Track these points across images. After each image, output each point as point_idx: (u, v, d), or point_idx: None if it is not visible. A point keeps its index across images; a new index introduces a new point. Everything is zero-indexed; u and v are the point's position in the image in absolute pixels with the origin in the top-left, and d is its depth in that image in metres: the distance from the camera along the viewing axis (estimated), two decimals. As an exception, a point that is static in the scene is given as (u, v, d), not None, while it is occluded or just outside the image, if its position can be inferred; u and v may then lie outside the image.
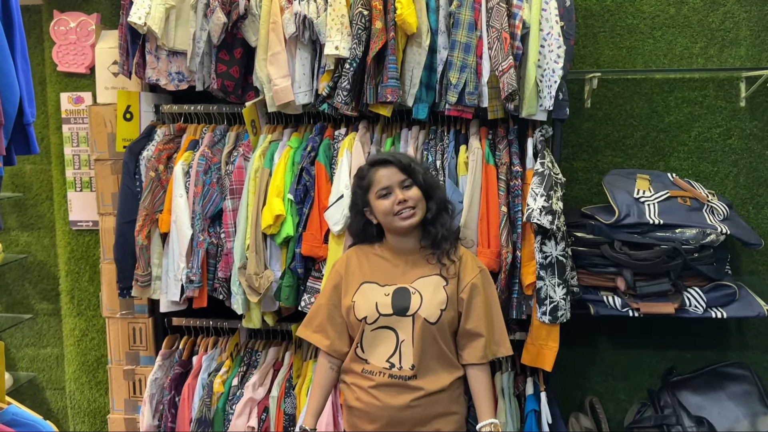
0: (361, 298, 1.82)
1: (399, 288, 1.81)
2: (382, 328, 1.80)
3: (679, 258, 2.19)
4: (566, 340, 2.18)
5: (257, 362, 2.43)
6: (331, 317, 1.88)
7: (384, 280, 1.83)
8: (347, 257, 1.93)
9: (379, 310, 1.79)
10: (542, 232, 2.07)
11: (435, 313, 1.78)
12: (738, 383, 2.40)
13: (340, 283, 1.89)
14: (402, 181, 1.80)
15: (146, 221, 2.26)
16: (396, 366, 1.78)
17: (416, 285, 1.81)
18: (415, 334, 1.76)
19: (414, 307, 1.78)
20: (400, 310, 1.78)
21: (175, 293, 2.26)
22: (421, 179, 1.82)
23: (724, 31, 2.51)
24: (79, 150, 2.77)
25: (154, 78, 2.36)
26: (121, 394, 2.62)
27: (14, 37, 1.35)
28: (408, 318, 1.77)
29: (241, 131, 2.40)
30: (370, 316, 1.79)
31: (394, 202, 1.78)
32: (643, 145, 2.59)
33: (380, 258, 1.88)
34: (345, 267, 1.90)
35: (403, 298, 1.79)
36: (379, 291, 1.82)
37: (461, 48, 2.08)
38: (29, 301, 3.06)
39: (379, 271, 1.85)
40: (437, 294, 1.80)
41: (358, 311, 1.81)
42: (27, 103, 1.38)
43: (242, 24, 2.23)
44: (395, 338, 1.79)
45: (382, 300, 1.80)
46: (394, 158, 1.83)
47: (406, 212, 1.78)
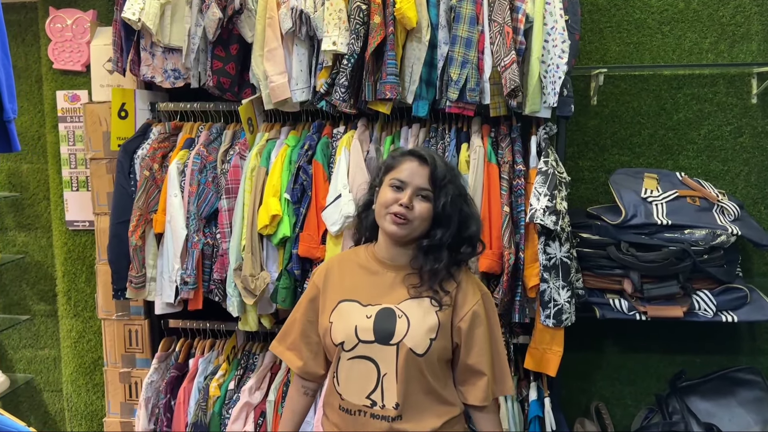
0: (338, 319, 1.56)
1: (383, 309, 1.53)
2: (360, 358, 1.53)
3: (688, 260, 2.13)
4: (571, 344, 2.11)
5: (254, 365, 2.38)
6: (305, 335, 1.65)
7: (366, 299, 1.56)
8: (327, 267, 1.67)
9: (358, 336, 1.52)
10: (546, 232, 2.00)
11: (423, 343, 1.50)
12: (749, 389, 2.33)
13: (317, 297, 1.63)
14: (421, 188, 1.53)
15: (140, 221, 2.22)
16: (378, 404, 1.51)
17: (404, 307, 1.53)
18: (399, 366, 1.49)
19: (399, 334, 1.50)
20: (383, 336, 1.50)
21: (169, 295, 2.21)
22: (442, 203, 1.53)
23: (735, 26, 2.44)
24: (76, 149, 2.73)
25: (150, 75, 2.31)
26: (118, 397, 2.58)
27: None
28: (391, 347, 1.50)
29: (238, 129, 2.35)
30: (348, 342, 1.53)
31: (397, 201, 1.52)
32: (650, 143, 2.53)
33: (365, 270, 1.60)
34: (324, 279, 1.64)
35: (387, 322, 1.51)
36: (359, 312, 1.54)
37: (462, 43, 2.02)
38: (27, 302, 3.03)
39: (362, 287, 1.58)
40: (427, 319, 1.52)
41: (335, 334, 1.55)
42: (7, 98, 1.33)
43: (238, 19, 2.18)
44: (376, 371, 1.51)
45: (362, 323, 1.53)
46: (433, 160, 1.54)
47: (398, 219, 1.51)
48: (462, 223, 1.56)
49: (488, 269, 2.03)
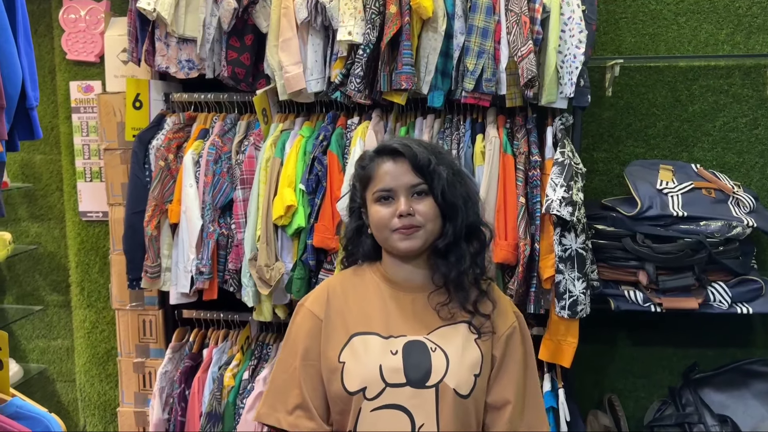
0: (353, 359, 1.24)
1: (411, 342, 1.24)
2: (389, 408, 1.20)
3: (704, 251, 2.12)
4: (585, 336, 2.11)
5: (268, 356, 2.39)
6: (311, 386, 1.28)
7: (387, 330, 1.25)
8: (327, 292, 1.34)
9: (384, 378, 1.20)
10: (562, 224, 2.00)
11: (467, 381, 1.22)
12: (763, 381, 2.33)
13: (320, 332, 1.30)
14: (413, 186, 1.29)
15: (156, 212, 2.23)
16: None
17: (435, 338, 1.25)
18: (441, 414, 1.19)
19: (438, 373, 1.20)
20: (418, 378, 1.20)
21: (185, 285, 2.22)
22: (441, 189, 1.28)
23: (752, 17, 2.43)
24: (89, 140, 2.74)
25: (164, 66, 2.31)
26: (131, 387, 2.59)
27: (17, 18, 1.30)
28: (429, 390, 1.20)
29: (252, 120, 2.35)
30: (372, 388, 1.20)
31: (395, 213, 1.27)
32: (666, 135, 2.52)
33: (375, 293, 1.31)
34: (325, 307, 1.32)
35: (420, 359, 1.22)
36: (381, 347, 1.24)
37: (479, 33, 2.02)
38: (39, 292, 3.04)
39: (378, 316, 1.28)
40: (468, 351, 1.24)
41: (349, 380, 1.22)
42: (30, 86, 1.34)
43: (253, 9, 2.18)
44: (410, 423, 1.20)
45: (388, 361, 1.22)
46: (409, 150, 1.29)
47: (408, 231, 1.26)
48: (467, 204, 1.33)
49: (503, 260, 2.03)
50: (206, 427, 2.27)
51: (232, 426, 2.27)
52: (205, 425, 2.28)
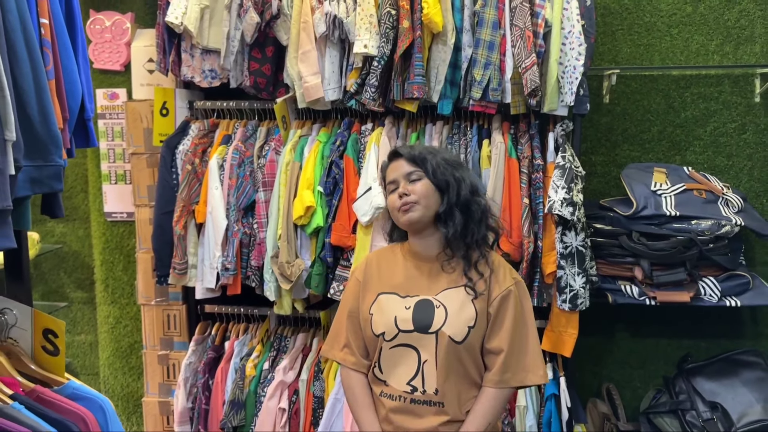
0: (378, 311, 1.62)
1: (421, 300, 1.60)
2: (401, 346, 1.59)
3: (695, 248, 2.26)
4: (585, 329, 2.26)
5: (286, 347, 2.53)
6: (354, 332, 1.69)
7: (405, 291, 1.62)
8: (366, 262, 1.74)
9: (398, 326, 1.58)
10: (563, 223, 2.15)
11: (462, 331, 1.56)
12: (751, 370, 2.46)
13: (359, 292, 1.70)
14: (408, 173, 1.61)
15: (183, 212, 2.37)
16: (418, 390, 1.57)
17: (441, 297, 1.59)
18: (439, 354, 1.55)
19: (437, 324, 1.56)
20: (423, 326, 1.57)
21: (210, 281, 2.37)
22: (432, 171, 1.60)
23: (740, 29, 2.58)
24: (114, 144, 2.88)
25: (189, 75, 2.46)
26: (156, 378, 2.73)
27: (77, 38, 1.45)
28: (431, 335, 1.56)
29: (272, 126, 2.50)
30: (389, 332, 1.59)
31: (397, 195, 1.62)
32: (660, 139, 2.66)
33: (402, 265, 1.67)
34: (363, 274, 1.71)
35: (426, 312, 1.58)
36: (399, 303, 1.61)
37: (485, 46, 2.17)
38: (64, 289, 3.18)
39: (400, 280, 1.64)
40: (465, 308, 1.58)
41: (375, 326, 1.61)
42: (87, 99, 1.49)
43: (274, 23, 2.32)
44: (417, 358, 1.57)
45: (402, 314, 1.59)
46: (404, 150, 1.65)
47: (405, 206, 1.58)
48: (458, 183, 1.61)
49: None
50: (229, 414, 2.42)
51: (253, 413, 2.41)
52: (228, 412, 2.42)
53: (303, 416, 2.41)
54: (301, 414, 2.41)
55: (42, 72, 1.29)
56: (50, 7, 1.37)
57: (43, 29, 1.33)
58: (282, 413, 2.39)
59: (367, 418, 1.64)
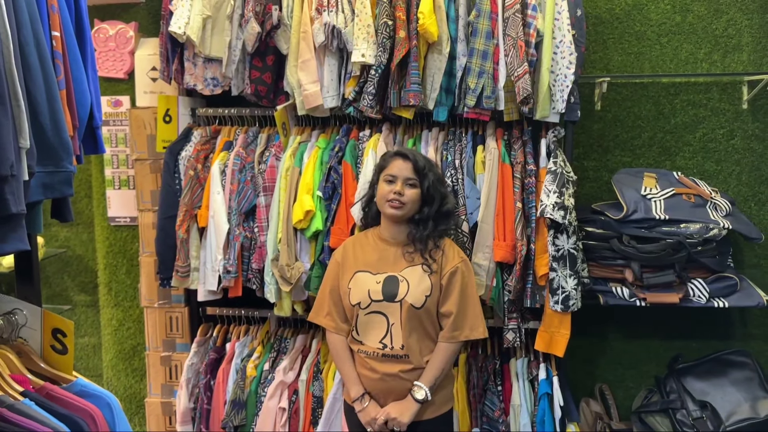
0: (355, 286, 2.00)
1: (389, 276, 1.99)
2: (374, 313, 1.98)
3: (684, 251, 2.32)
4: (577, 330, 2.31)
5: (286, 348, 2.59)
6: (335, 303, 2.06)
7: (376, 269, 2.01)
8: (344, 247, 2.12)
9: (371, 297, 1.98)
10: (555, 226, 2.21)
11: (420, 299, 1.96)
12: (740, 370, 2.51)
13: (339, 271, 2.07)
14: (408, 178, 1.97)
15: (186, 216, 2.43)
16: (388, 346, 1.97)
17: (404, 273, 1.99)
18: (402, 317, 1.95)
19: (402, 294, 1.96)
20: (390, 296, 1.96)
21: (212, 283, 2.43)
22: (426, 186, 1.98)
23: (728, 38, 2.64)
24: (118, 150, 2.94)
25: (192, 83, 2.52)
26: (158, 380, 2.79)
27: (86, 48, 1.51)
28: (396, 303, 1.96)
29: (272, 133, 2.56)
30: (363, 302, 1.98)
31: (391, 190, 1.96)
32: (650, 145, 2.73)
33: (373, 248, 2.05)
34: (342, 256, 2.08)
35: (392, 286, 1.97)
36: (371, 279, 2.00)
37: (479, 55, 2.24)
38: (68, 293, 3.24)
39: (372, 261, 2.02)
40: (423, 281, 1.97)
41: (352, 297, 2.00)
42: (96, 108, 1.55)
43: (275, 33, 2.39)
44: (386, 322, 1.97)
45: (374, 287, 1.98)
46: (413, 156, 2.00)
47: (395, 203, 1.96)
48: (442, 201, 2.02)
49: (502, 259, 2.24)
50: (230, 414, 2.47)
51: (254, 413, 2.47)
52: (229, 412, 2.48)
53: (302, 415, 2.46)
54: (301, 413, 2.47)
55: (54, 82, 1.36)
56: (61, 20, 1.43)
57: (54, 42, 1.40)
58: (282, 413, 2.45)
59: (348, 368, 2.05)
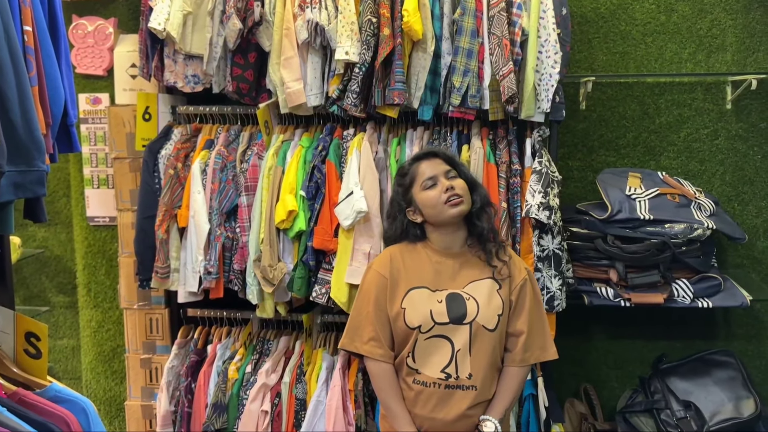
0: (411, 305, 1.74)
1: (452, 294, 1.74)
2: (436, 337, 1.73)
3: (668, 251, 2.32)
4: (562, 331, 2.30)
5: (269, 350, 2.56)
6: (382, 324, 1.78)
7: (434, 285, 1.75)
8: (390, 258, 1.82)
9: (434, 319, 1.72)
10: (540, 226, 2.20)
11: (493, 320, 1.73)
12: (723, 369, 2.52)
13: (386, 286, 1.79)
14: (447, 171, 1.81)
15: (166, 216, 2.39)
16: (452, 376, 1.72)
17: (469, 290, 1.75)
18: (472, 342, 1.71)
19: (471, 315, 1.71)
20: (457, 318, 1.71)
21: (193, 284, 2.38)
22: (465, 172, 1.85)
23: (712, 38, 2.65)
24: (97, 149, 2.89)
25: (172, 81, 2.48)
26: (138, 382, 2.74)
27: (60, 45, 1.47)
28: (465, 326, 1.71)
29: (255, 131, 2.52)
30: (425, 325, 1.72)
31: (442, 190, 1.75)
32: (635, 145, 2.73)
33: (426, 260, 1.79)
34: (389, 269, 1.80)
35: (458, 305, 1.72)
36: (430, 297, 1.74)
37: (464, 53, 2.22)
38: (46, 294, 3.18)
39: (427, 275, 1.77)
40: (493, 299, 1.75)
41: (409, 319, 1.73)
42: (70, 105, 1.51)
43: (257, 30, 2.35)
44: (450, 347, 1.72)
45: (436, 307, 1.73)
46: (438, 151, 1.87)
47: (455, 199, 1.74)
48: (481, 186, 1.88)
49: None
50: (212, 417, 2.43)
51: (236, 416, 2.43)
52: (210, 415, 2.43)
53: (285, 418, 2.43)
54: (284, 416, 2.43)
55: (25, 79, 1.31)
56: (33, 14, 1.39)
57: (26, 36, 1.35)
58: (264, 416, 2.42)
59: (399, 403, 1.77)
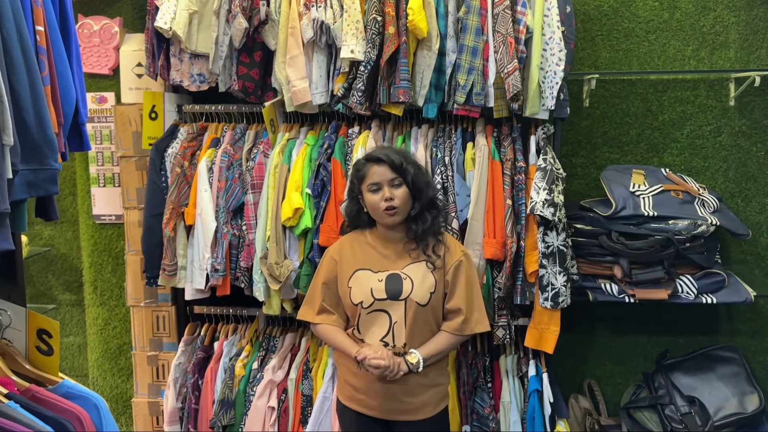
0: (356, 284, 1.96)
1: (391, 274, 1.94)
2: (376, 311, 1.94)
3: (672, 247, 2.33)
4: (567, 327, 2.32)
5: (275, 347, 2.57)
6: (330, 298, 2.02)
7: (377, 267, 1.96)
8: (340, 244, 2.07)
9: (374, 295, 1.93)
10: (544, 223, 2.21)
11: (425, 296, 1.93)
12: (727, 365, 2.54)
13: (335, 267, 2.02)
14: (392, 179, 1.92)
15: (173, 214, 2.40)
16: (390, 345, 1.93)
17: (407, 271, 1.95)
18: (407, 316, 1.92)
19: (406, 292, 1.92)
20: (394, 294, 1.92)
21: (200, 282, 2.40)
22: (411, 179, 1.93)
23: (715, 35, 2.66)
24: (103, 147, 2.90)
25: (178, 79, 2.49)
26: (145, 379, 2.76)
27: (71, 44, 1.48)
28: (401, 302, 1.92)
29: (260, 129, 2.53)
30: (366, 301, 1.94)
31: (382, 198, 1.91)
32: (638, 142, 2.74)
33: (371, 246, 2.01)
34: (339, 253, 2.03)
35: (395, 284, 1.93)
36: (372, 277, 1.95)
37: (469, 51, 2.23)
38: (52, 292, 3.20)
39: (371, 259, 1.98)
40: (426, 279, 1.94)
41: (353, 296, 1.95)
42: (81, 104, 1.52)
43: (262, 29, 2.36)
44: (389, 320, 1.93)
45: (376, 285, 1.94)
46: (387, 157, 1.94)
47: (391, 210, 1.91)
48: (427, 188, 1.97)
49: (492, 256, 2.24)
50: (219, 413, 2.45)
51: (243, 412, 2.45)
52: (218, 412, 2.45)
53: (292, 415, 2.45)
54: (290, 412, 2.45)
55: (38, 78, 1.33)
56: (45, 14, 1.40)
57: (38, 36, 1.37)
58: (271, 412, 2.44)
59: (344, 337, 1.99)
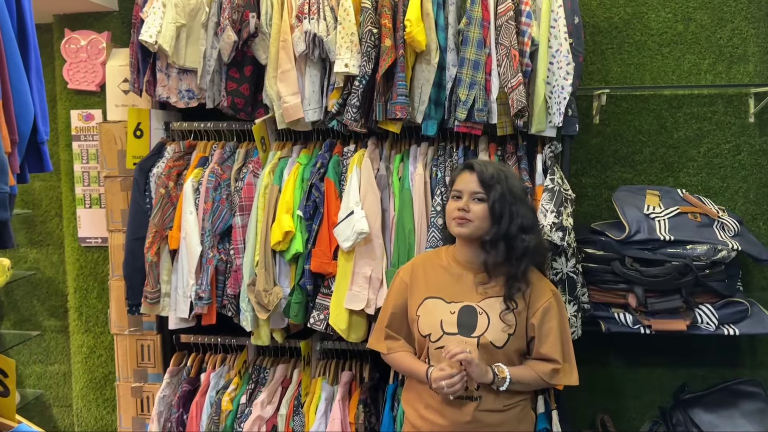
0: (425, 314, 1.78)
1: (465, 306, 1.76)
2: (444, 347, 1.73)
3: (691, 274, 2.19)
4: (578, 358, 2.12)
5: (265, 379, 2.42)
6: (398, 327, 1.86)
7: (450, 297, 1.78)
8: (413, 266, 1.89)
9: (443, 329, 1.74)
10: (553, 248, 2.06)
11: (502, 338, 1.73)
12: (751, 401, 2.38)
13: (405, 291, 1.85)
14: (474, 192, 1.75)
15: (156, 238, 2.27)
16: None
17: (484, 305, 1.75)
18: (480, 356, 1.71)
19: (480, 329, 1.72)
20: (466, 330, 1.73)
21: (184, 310, 2.26)
22: (495, 199, 1.72)
23: (732, 48, 2.52)
24: (89, 167, 2.78)
25: (165, 95, 2.37)
26: (129, 412, 2.61)
27: (29, 57, 1.35)
28: (473, 339, 1.72)
29: (251, 148, 2.41)
30: (434, 334, 1.75)
31: (457, 207, 1.75)
32: (652, 160, 2.60)
33: (446, 271, 1.82)
34: (410, 276, 1.86)
35: (469, 318, 1.74)
36: (444, 308, 1.77)
37: (470, 65, 2.09)
38: (37, 317, 3.07)
39: (445, 286, 1.80)
40: (506, 318, 1.74)
41: (421, 327, 1.78)
42: (41, 121, 1.39)
43: (252, 42, 2.25)
44: None
45: (447, 318, 1.75)
46: (480, 168, 1.77)
47: (461, 220, 1.74)
48: (512, 220, 1.73)
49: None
50: (204, 451, 2.29)
51: (230, 450, 2.29)
52: (203, 449, 2.30)
53: (282, 453, 2.29)
54: (280, 451, 2.29)
55: (-12, 93, 1.20)
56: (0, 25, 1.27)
57: (-12, 47, 1.24)
58: (260, 450, 2.27)
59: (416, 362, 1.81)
